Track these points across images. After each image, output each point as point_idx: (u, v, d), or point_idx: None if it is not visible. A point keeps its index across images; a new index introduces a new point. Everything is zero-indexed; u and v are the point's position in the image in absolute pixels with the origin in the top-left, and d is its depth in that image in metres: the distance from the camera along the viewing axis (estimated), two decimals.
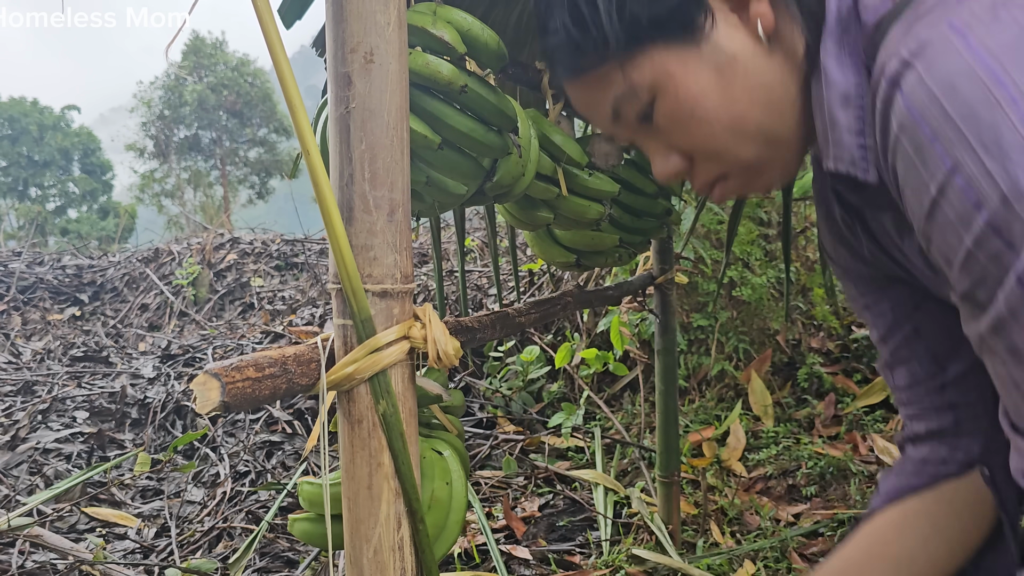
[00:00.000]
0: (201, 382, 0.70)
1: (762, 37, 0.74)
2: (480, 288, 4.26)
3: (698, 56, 0.74)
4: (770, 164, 0.80)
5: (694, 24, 0.74)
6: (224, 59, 29.16)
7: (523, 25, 1.67)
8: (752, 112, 0.75)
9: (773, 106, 0.75)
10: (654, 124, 0.79)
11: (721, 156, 0.79)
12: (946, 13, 0.60)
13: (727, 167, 0.80)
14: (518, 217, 1.51)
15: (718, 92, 0.74)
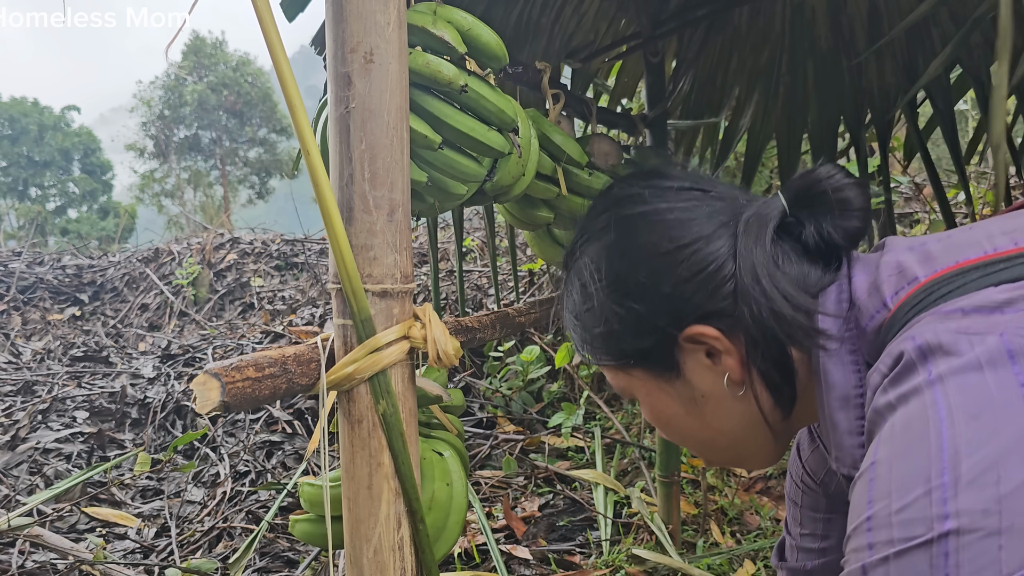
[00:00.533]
0: (201, 382, 0.70)
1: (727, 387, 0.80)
2: (480, 288, 4.26)
3: (671, 388, 0.82)
4: (750, 455, 0.86)
5: (666, 364, 0.81)
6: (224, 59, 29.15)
7: (523, 25, 1.67)
8: (721, 437, 0.83)
9: (745, 430, 0.82)
10: None
11: (700, 454, 0.89)
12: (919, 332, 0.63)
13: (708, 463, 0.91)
14: (518, 217, 1.51)
15: (689, 419, 0.83)
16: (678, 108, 2.23)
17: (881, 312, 0.72)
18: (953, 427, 0.56)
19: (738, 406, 0.80)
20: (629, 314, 0.81)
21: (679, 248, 0.79)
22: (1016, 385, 0.56)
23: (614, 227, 0.84)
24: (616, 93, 2.36)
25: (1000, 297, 0.63)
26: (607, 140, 1.61)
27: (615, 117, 1.90)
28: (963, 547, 0.52)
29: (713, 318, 0.77)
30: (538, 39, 1.77)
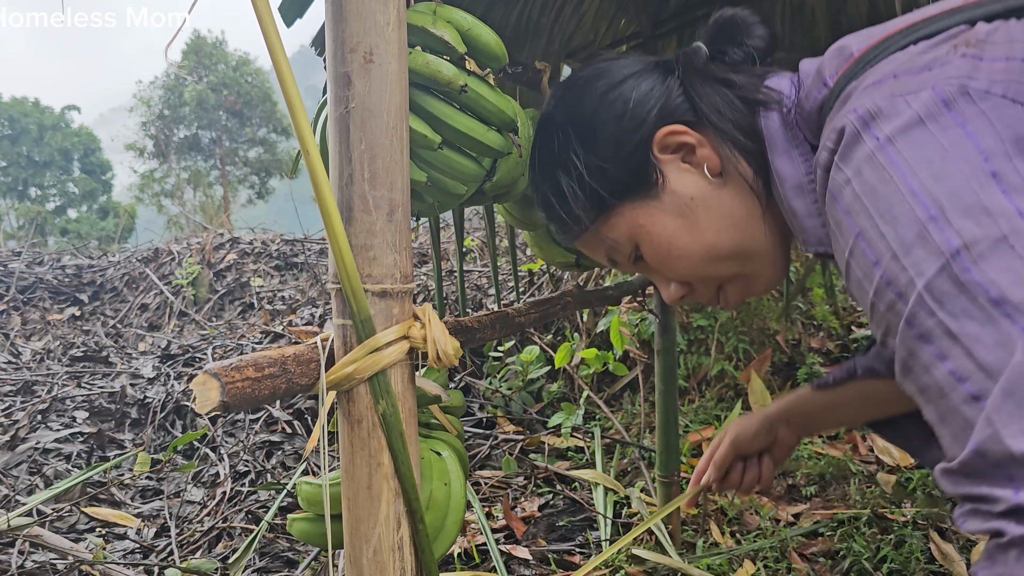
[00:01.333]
0: (201, 382, 0.70)
1: (710, 178, 0.85)
2: (480, 288, 4.26)
3: (660, 206, 0.87)
4: (757, 272, 0.90)
5: (648, 181, 0.87)
6: (224, 59, 29.16)
7: (523, 25, 1.67)
8: (721, 238, 0.86)
9: (738, 226, 0.86)
10: (646, 262, 0.92)
11: (709, 277, 0.90)
12: (857, 103, 0.69)
13: (719, 282, 0.91)
14: (518, 217, 1.51)
15: (686, 231, 0.86)
16: None
17: (822, 91, 0.78)
18: (916, 176, 0.61)
19: (726, 201, 0.85)
20: (603, 150, 0.88)
21: (624, 79, 0.90)
22: (957, 126, 0.62)
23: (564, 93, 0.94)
24: None
25: (924, 59, 0.68)
26: None
27: None
28: (978, 257, 0.57)
29: (674, 116, 0.87)
30: (538, 39, 1.76)
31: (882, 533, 2.00)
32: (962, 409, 0.58)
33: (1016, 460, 0.53)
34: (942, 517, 2.01)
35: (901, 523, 2.01)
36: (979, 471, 0.56)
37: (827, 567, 1.93)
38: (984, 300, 0.57)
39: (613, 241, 0.92)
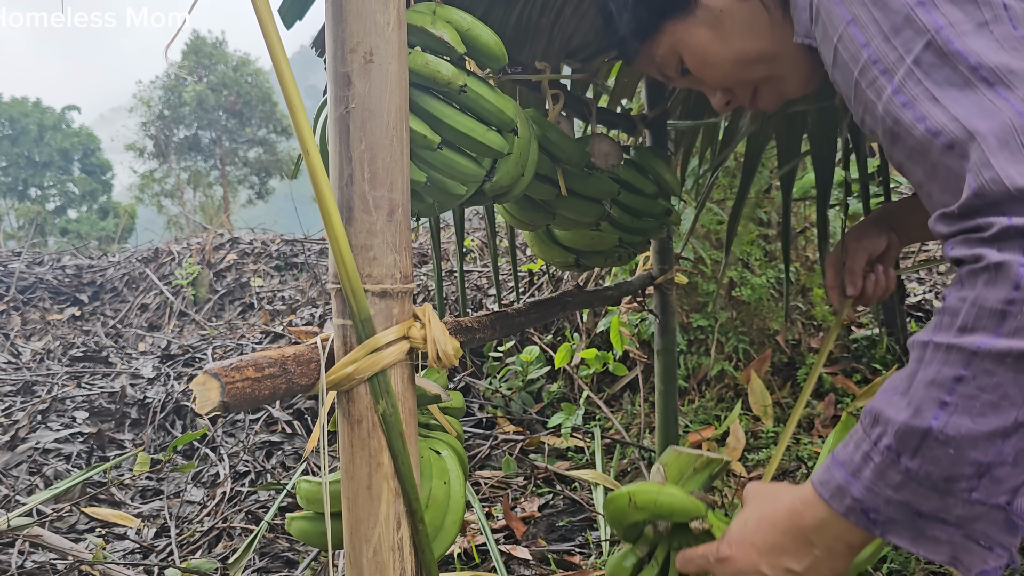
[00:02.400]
0: (201, 382, 0.70)
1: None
2: (480, 288, 4.26)
3: (695, 20, 0.98)
4: (784, 74, 0.99)
5: (685, 0, 0.98)
6: (224, 59, 29.16)
7: (523, 25, 1.67)
8: (747, 44, 0.96)
9: (763, 33, 0.95)
10: (692, 74, 1.04)
11: (742, 81, 1.02)
12: None
13: (752, 85, 1.02)
14: (518, 217, 1.51)
15: (717, 40, 0.97)
16: (678, 108, 2.23)
17: None
18: None
19: (747, 12, 0.95)
20: None
21: None
22: None
23: None
24: (616, 93, 2.36)
25: None
26: (607, 140, 1.61)
27: (615, 117, 1.90)
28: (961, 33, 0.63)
29: None
30: (538, 39, 1.76)
31: None
32: (942, 160, 0.64)
33: (1012, 196, 0.57)
34: None
35: None
36: (977, 209, 0.59)
37: None
38: (964, 67, 0.63)
39: (661, 58, 1.05)
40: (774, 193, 3.44)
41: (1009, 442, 0.57)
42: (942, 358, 0.59)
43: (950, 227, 0.62)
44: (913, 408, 0.61)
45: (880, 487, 0.64)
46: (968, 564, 0.63)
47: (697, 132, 2.39)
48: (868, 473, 0.64)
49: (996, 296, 0.56)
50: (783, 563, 0.74)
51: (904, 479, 0.62)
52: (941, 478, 0.60)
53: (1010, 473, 0.58)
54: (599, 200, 1.54)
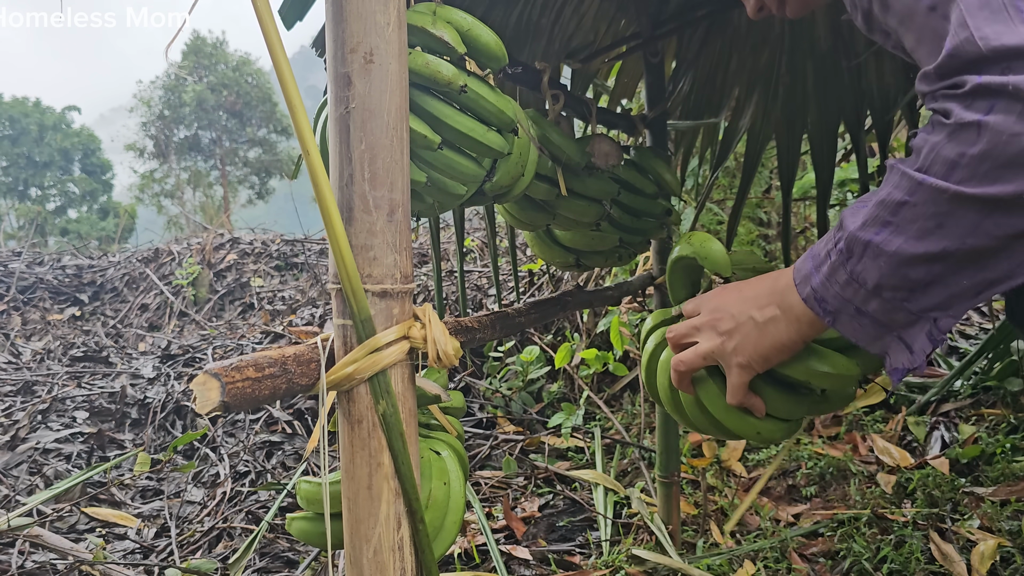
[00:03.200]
0: (201, 382, 0.70)
1: None
2: (480, 288, 4.26)
3: None
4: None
5: None
6: (224, 59, 29.16)
7: (523, 25, 1.67)
8: None
9: None
10: None
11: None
12: None
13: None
14: (518, 217, 1.51)
15: None
16: (678, 108, 2.23)
17: None
18: None
19: None
20: None
21: None
22: None
23: None
24: (616, 93, 2.36)
25: None
26: (607, 140, 1.61)
27: (615, 117, 1.90)
28: None
29: None
30: (538, 40, 1.77)
31: (882, 533, 2.00)
32: (927, 22, 0.65)
33: (985, 56, 0.59)
34: (942, 517, 2.01)
35: (901, 523, 2.01)
36: (953, 69, 0.61)
37: (827, 567, 1.93)
38: None
39: None
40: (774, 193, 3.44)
41: (936, 266, 0.64)
42: (895, 182, 0.66)
43: (929, 86, 0.65)
44: (862, 220, 0.69)
45: (832, 282, 0.73)
46: (893, 360, 0.73)
47: (697, 132, 2.39)
48: (826, 269, 0.73)
49: (953, 149, 0.61)
50: (749, 309, 0.85)
51: (848, 279, 0.71)
52: (875, 284, 0.68)
53: (938, 292, 0.66)
54: (599, 200, 1.54)
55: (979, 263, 0.63)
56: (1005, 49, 0.58)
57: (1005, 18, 0.58)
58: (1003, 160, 0.58)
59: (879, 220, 0.67)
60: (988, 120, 0.58)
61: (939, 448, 2.41)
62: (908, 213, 0.64)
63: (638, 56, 2.04)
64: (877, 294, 0.69)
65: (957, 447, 2.34)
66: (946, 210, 0.62)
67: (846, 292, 0.71)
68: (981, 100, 0.59)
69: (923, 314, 0.69)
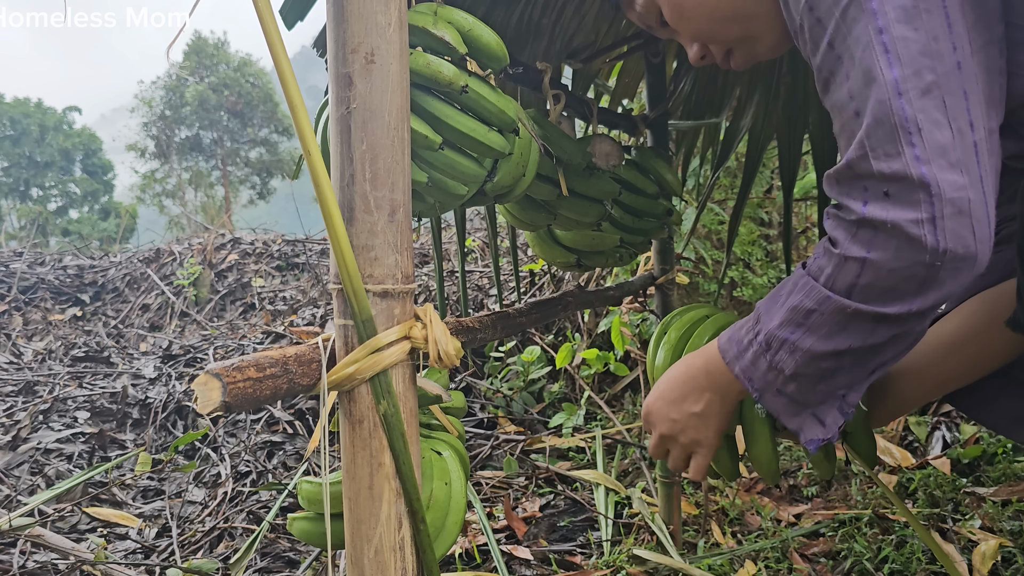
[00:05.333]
0: (202, 382, 0.70)
1: None
2: (481, 288, 4.26)
3: None
4: (758, 34, 0.98)
5: None
6: (226, 59, 29.17)
7: (524, 26, 1.67)
8: (722, 2, 0.96)
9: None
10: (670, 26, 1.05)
11: (716, 38, 1.01)
12: None
13: (726, 44, 1.02)
14: (519, 217, 1.51)
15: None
16: (679, 109, 2.23)
17: None
18: None
19: None
20: None
21: None
22: None
23: None
24: (617, 94, 2.36)
25: None
26: (608, 140, 1.61)
27: (616, 117, 1.90)
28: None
29: None
30: (539, 40, 1.77)
31: (883, 533, 2.00)
32: (849, 124, 0.72)
33: (875, 177, 0.68)
34: (943, 518, 2.01)
35: (902, 524, 2.01)
36: (846, 178, 0.71)
37: (828, 567, 1.93)
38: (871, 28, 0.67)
39: (641, 8, 1.06)
40: (775, 193, 3.44)
41: (842, 358, 0.76)
42: (805, 291, 0.77)
43: (830, 190, 0.75)
44: (779, 321, 0.79)
45: (755, 367, 0.83)
46: (808, 434, 0.84)
47: (698, 132, 2.39)
48: (749, 355, 0.84)
49: (846, 277, 0.72)
50: (686, 408, 0.96)
51: (769, 367, 0.81)
52: (792, 372, 0.79)
53: (844, 376, 0.79)
54: (600, 200, 1.54)
55: (874, 353, 0.76)
56: (890, 173, 0.66)
57: (896, 142, 0.66)
58: (885, 288, 0.70)
59: (793, 322, 0.78)
60: (869, 257, 0.69)
61: (940, 448, 2.41)
62: (817, 319, 0.76)
63: (639, 56, 2.04)
64: (794, 379, 0.80)
65: (958, 447, 2.34)
66: (848, 319, 0.74)
67: (768, 376, 0.82)
68: (864, 232, 0.69)
69: (833, 393, 0.81)
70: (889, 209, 0.67)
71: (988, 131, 0.68)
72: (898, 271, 0.68)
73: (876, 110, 0.67)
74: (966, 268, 0.67)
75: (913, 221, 0.66)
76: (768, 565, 1.94)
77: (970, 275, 0.68)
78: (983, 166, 0.66)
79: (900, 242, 0.67)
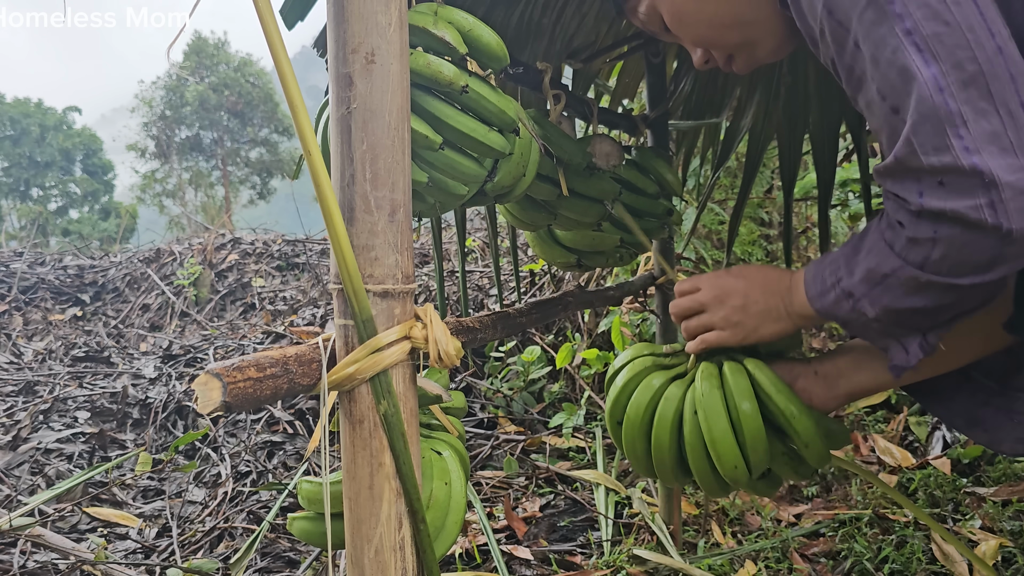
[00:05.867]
0: (203, 382, 0.70)
1: None
2: (481, 288, 4.26)
3: None
4: (758, 39, 1.00)
5: None
6: (226, 59, 29.18)
7: (524, 25, 1.67)
8: (721, 8, 0.97)
9: None
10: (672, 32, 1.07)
11: (717, 44, 1.03)
12: None
13: (727, 50, 1.03)
14: (519, 217, 1.51)
15: (692, 3, 0.99)
16: (679, 109, 2.23)
17: None
18: None
19: None
20: None
21: None
22: None
23: None
24: (617, 94, 2.36)
25: None
26: (608, 140, 1.61)
27: (616, 117, 1.90)
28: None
29: None
30: (539, 40, 1.76)
31: (883, 533, 2.00)
32: (888, 120, 0.74)
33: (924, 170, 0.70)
34: (944, 518, 2.01)
35: (903, 523, 2.01)
36: (897, 173, 0.74)
37: (828, 567, 1.93)
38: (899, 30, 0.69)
39: (644, 15, 1.07)
40: (775, 193, 3.44)
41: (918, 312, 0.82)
42: (882, 255, 0.81)
43: (881, 179, 0.79)
44: (859, 277, 0.85)
45: (839, 308, 0.89)
46: (894, 358, 0.90)
47: (699, 132, 2.39)
48: (832, 297, 0.89)
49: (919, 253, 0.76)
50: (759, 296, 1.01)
51: (852, 310, 0.87)
52: (874, 317, 0.85)
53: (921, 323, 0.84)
54: (601, 200, 1.54)
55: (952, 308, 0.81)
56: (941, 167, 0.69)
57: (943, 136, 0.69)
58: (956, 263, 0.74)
59: (871, 281, 0.83)
60: (938, 238, 0.73)
61: (940, 448, 2.41)
62: (893, 282, 0.81)
63: (639, 56, 2.04)
64: (876, 321, 0.86)
65: (959, 447, 2.34)
66: (922, 286, 0.78)
67: (851, 316, 0.88)
68: (926, 222, 0.73)
69: (915, 330, 0.86)
70: (947, 198, 0.70)
71: None
72: (967, 251, 0.71)
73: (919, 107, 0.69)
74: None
75: (972, 207, 0.68)
76: (768, 565, 1.94)
77: None
78: None
79: (964, 227, 0.70)
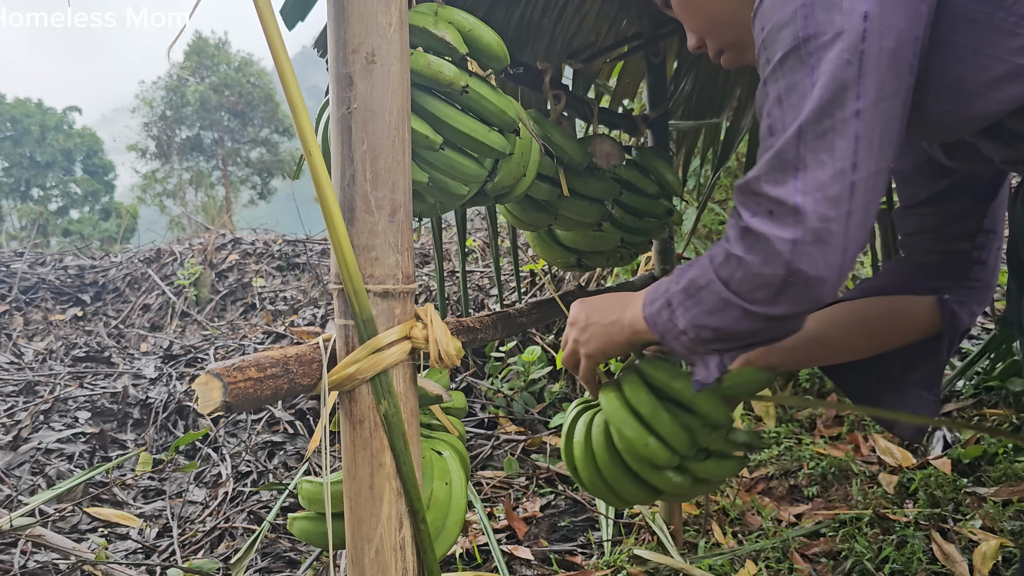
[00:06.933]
0: (203, 382, 0.70)
1: None
2: (481, 288, 4.26)
3: None
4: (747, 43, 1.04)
5: None
6: (227, 59, 29.18)
7: (524, 26, 1.67)
8: (722, 6, 1.03)
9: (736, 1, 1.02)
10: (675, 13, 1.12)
11: (712, 37, 1.08)
12: None
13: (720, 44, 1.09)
14: (519, 217, 1.51)
15: None
16: (680, 109, 2.23)
17: None
18: None
19: None
20: None
21: None
22: None
23: None
24: (618, 94, 2.36)
25: None
26: (609, 140, 1.61)
27: (617, 118, 1.90)
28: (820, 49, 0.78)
29: None
30: (539, 40, 1.77)
31: (884, 533, 2.00)
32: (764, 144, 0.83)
33: (764, 197, 0.80)
34: (944, 518, 2.01)
35: (903, 523, 2.01)
36: (745, 191, 0.82)
37: (829, 567, 1.93)
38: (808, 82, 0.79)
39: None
40: None
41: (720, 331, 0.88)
42: (703, 269, 0.88)
43: (734, 195, 0.86)
44: (680, 287, 0.92)
45: (659, 316, 0.96)
46: (696, 373, 0.96)
47: (699, 132, 2.39)
48: (657, 305, 0.97)
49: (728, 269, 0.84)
50: (597, 318, 1.12)
51: (668, 319, 0.94)
52: (681, 330, 0.92)
53: (718, 344, 0.91)
54: (601, 200, 1.54)
55: (745, 336, 0.89)
56: (775, 197, 0.78)
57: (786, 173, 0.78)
58: (751, 288, 0.82)
59: (688, 292, 0.90)
60: (744, 258, 0.81)
61: (941, 448, 2.41)
62: (704, 295, 0.88)
63: (640, 56, 2.04)
64: (684, 334, 0.93)
65: (959, 447, 2.34)
66: (724, 304, 0.86)
67: (667, 326, 0.95)
68: (745, 241, 0.81)
69: (712, 351, 0.94)
70: (768, 225, 0.79)
71: (876, 171, 0.78)
72: (761, 276, 0.80)
73: (781, 145, 0.79)
74: (815, 288, 0.79)
75: (781, 239, 0.78)
76: (769, 565, 1.94)
77: (819, 295, 0.80)
78: (855, 203, 0.77)
79: (768, 253, 0.79)
